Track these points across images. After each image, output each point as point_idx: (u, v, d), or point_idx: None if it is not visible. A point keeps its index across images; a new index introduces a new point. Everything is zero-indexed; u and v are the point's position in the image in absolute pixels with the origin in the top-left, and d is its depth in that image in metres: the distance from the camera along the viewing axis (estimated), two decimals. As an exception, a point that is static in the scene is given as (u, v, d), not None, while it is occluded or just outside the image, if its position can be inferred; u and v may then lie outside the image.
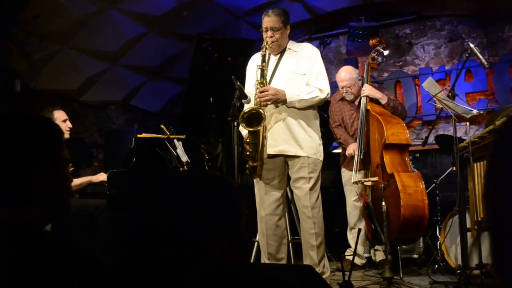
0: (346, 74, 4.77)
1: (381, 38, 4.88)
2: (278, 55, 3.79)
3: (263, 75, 3.62)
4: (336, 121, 4.88)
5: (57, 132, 1.36)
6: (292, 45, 3.83)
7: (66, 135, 4.31)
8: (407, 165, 4.25)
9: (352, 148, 4.56)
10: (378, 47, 4.67)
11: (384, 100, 4.55)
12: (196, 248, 1.19)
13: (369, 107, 4.43)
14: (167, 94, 7.31)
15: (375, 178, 4.05)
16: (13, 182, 1.24)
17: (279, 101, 3.59)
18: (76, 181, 4.35)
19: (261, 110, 3.52)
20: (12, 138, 1.25)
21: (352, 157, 4.53)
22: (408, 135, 4.28)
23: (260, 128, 3.53)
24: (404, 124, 4.34)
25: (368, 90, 4.50)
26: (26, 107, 5.43)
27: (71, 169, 1.41)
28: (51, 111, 4.32)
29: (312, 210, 3.63)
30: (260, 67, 3.63)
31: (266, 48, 3.65)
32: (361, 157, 4.38)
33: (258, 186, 3.77)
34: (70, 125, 4.41)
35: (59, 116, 4.33)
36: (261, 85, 3.59)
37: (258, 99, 3.56)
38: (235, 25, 6.53)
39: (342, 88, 4.75)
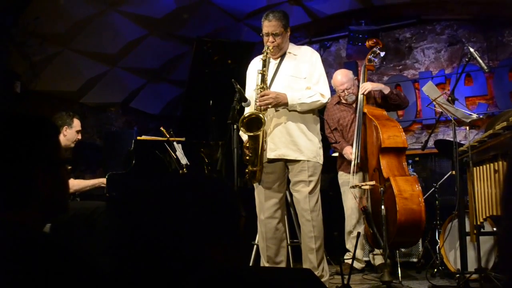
0: (343, 76, 4.76)
1: (377, 39, 4.85)
2: (278, 59, 3.78)
3: (263, 80, 3.61)
4: (331, 125, 4.88)
5: (53, 131, 1.36)
6: (292, 48, 3.82)
7: (72, 144, 4.36)
8: (404, 169, 4.23)
9: (350, 150, 4.56)
10: (374, 48, 4.65)
11: (387, 90, 4.56)
12: (194, 251, 1.19)
13: (365, 110, 4.42)
14: (167, 97, 7.31)
15: (373, 182, 4.04)
16: (10, 183, 1.23)
17: (280, 104, 3.59)
18: (89, 182, 4.40)
19: (261, 115, 3.51)
20: (8, 139, 1.25)
21: (350, 160, 4.52)
22: (405, 137, 4.25)
23: (260, 133, 3.52)
24: (401, 127, 4.32)
25: (369, 85, 4.51)
26: (26, 108, 5.43)
27: (69, 167, 1.40)
28: (72, 117, 4.32)
29: (312, 213, 3.62)
30: (261, 71, 3.62)
31: (267, 53, 3.64)
32: (358, 161, 4.37)
33: (258, 190, 3.77)
34: (80, 137, 4.43)
35: (76, 125, 4.35)
36: (262, 90, 3.58)
37: (259, 104, 3.55)
38: (235, 28, 6.54)
39: (343, 91, 4.74)
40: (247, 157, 3.62)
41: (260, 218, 3.75)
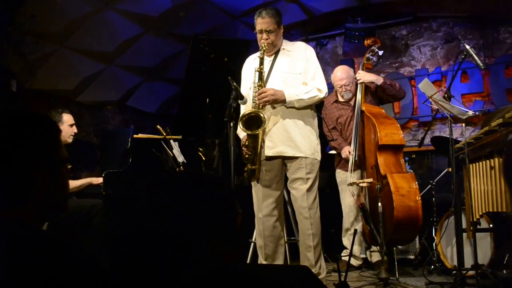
0: (343, 73, 4.79)
1: (376, 38, 4.89)
2: (273, 56, 3.78)
3: (261, 78, 3.61)
4: (330, 124, 4.89)
5: (55, 130, 1.35)
6: (286, 44, 3.82)
7: (70, 139, 4.34)
8: (401, 166, 4.25)
9: (348, 150, 4.57)
10: (373, 47, 4.69)
11: (380, 81, 4.62)
12: (191, 248, 1.19)
13: (363, 108, 4.44)
14: (164, 95, 7.31)
15: (370, 180, 4.05)
16: (10, 181, 1.23)
17: (278, 101, 3.59)
18: (76, 183, 4.36)
19: (261, 114, 3.51)
20: (9, 136, 1.24)
21: (348, 159, 4.53)
22: (402, 135, 4.28)
23: (260, 131, 3.52)
24: (398, 125, 4.34)
25: (362, 75, 4.55)
26: (22, 107, 5.41)
27: (69, 166, 1.39)
28: (61, 113, 4.33)
29: (309, 211, 3.63)
30: (258, 69, 3.62)
31: (264, 51, 3.64)
32: (356, 158, 4.38)
33: (256, 188, 3.77)
34: (76, 130, 4.42)
35: (67, 120, 4.34)
36: (259, 88, 3.58)
37: (257, 101, 3.55)
38: (231, 26, 6.53)
39: (341, 87, 4.76)
40: (247, 155, 3.62)
41: (258, 216, 3.76)
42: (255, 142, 3.57)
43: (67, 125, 4.32)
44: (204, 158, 4.96)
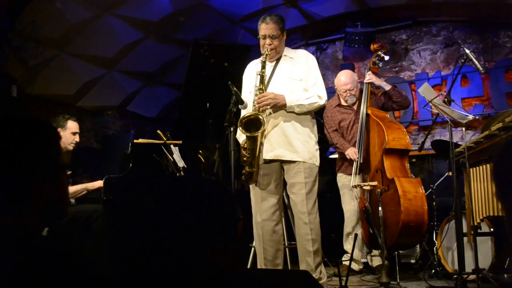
0: (347, 78, 4.79)
1: (382, 43, 4.92)
2: (274, 62, 3.79)
3: (262, 81, 3.62)
4: (332, 126, 4.88)
5: (55, 136, 1.36)
6: (288, 51, 3.84)
7: (71, 147, 4.33)
8: (407, 171, 4.27)
9: (353, 151, 4.55)
10: (379, 52, 4.71)
11: (388, 87, 4.65)
12: (192, 253, 1.19)
13: (369, 112, 4.45)
14: (164, 100, 7.31)
15: (375, 183, 4.06)
16: (10, 187, 1.23)
17: (279, 105, 3.60)
18: (71, 189, 4.32)
19: (260, 116, 3.52)
20: (9, 142, 1.25)
21: (351, 160, 4.53)
22: (409, 140, 4.31)
23: (258, 133, 3.53)
24: (405, 129, 4.38)
25: (372, 76, 4.58)
26: (22, 112, 5.42)
27: (68, 172, 1.40)
28: (66, 120, 4.33)
29: (309, 216, 3.62)
30: (260, 73, 3.63)
31: (266, 55, 3.65)
32: (361, 161, 4.40)
33: (255, 192, 3.76)
34: (77, 139, 4.41)
35: (71, 127, 4.34)
36: (261, 91, 3.59)
37: (257, 104, 3.56)
38: (231, 31, 6.54)
39: (345, 91, 4.76)
40: (245, 158, 3.62)
41: (257, 220, 3.74)
42: (253, 144, 3.58)
43: (70, 132, 4.30)
44: (204, 163, 4.96)
